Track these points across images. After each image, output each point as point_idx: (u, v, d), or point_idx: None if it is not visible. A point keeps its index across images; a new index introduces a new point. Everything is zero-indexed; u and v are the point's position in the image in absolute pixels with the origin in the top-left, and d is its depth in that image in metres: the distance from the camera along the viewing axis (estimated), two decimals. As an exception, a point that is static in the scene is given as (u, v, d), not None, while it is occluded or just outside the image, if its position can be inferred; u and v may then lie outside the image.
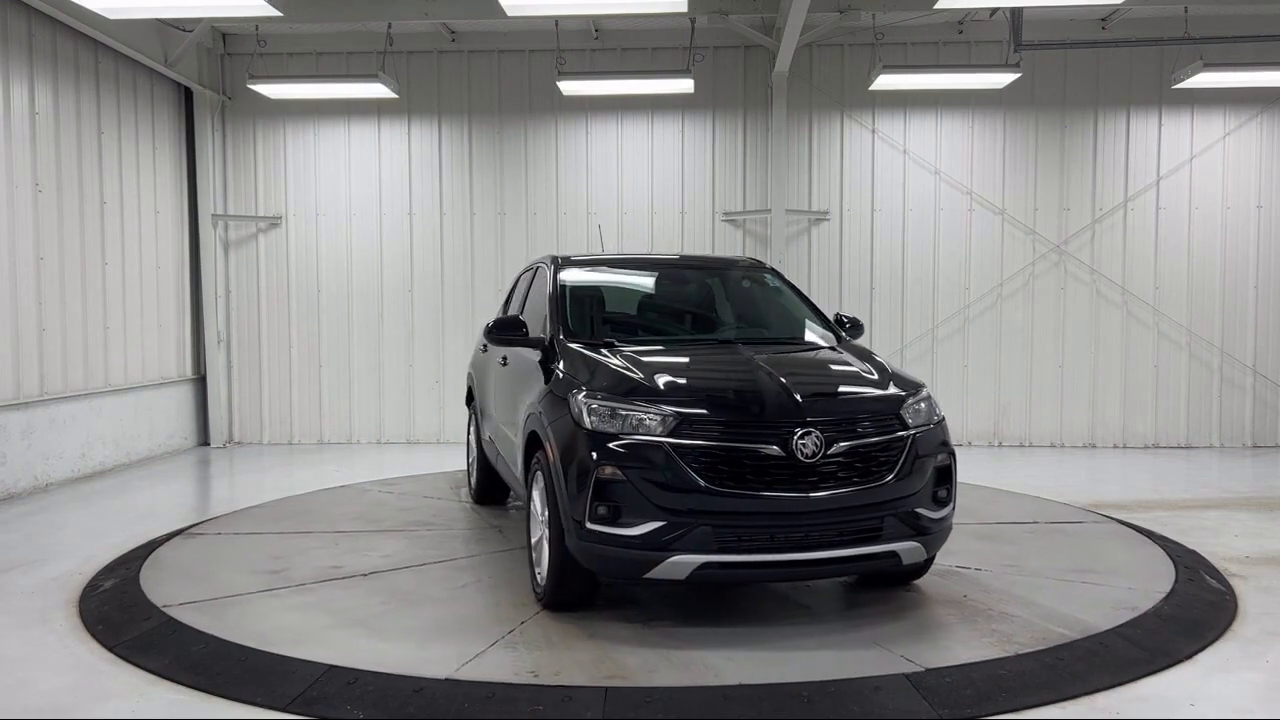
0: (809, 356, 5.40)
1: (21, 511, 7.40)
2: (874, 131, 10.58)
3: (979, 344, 10.62)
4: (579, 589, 4.72)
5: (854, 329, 5.87)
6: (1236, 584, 5.36)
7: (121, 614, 4.87)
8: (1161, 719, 3.70)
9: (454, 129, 10.78)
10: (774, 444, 4.31)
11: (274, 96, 10.19)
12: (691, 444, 4.31)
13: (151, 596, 5.05)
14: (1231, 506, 7.46)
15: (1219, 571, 5.59)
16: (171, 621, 4.68)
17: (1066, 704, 3.80)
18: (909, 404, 4.69)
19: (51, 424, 8.38)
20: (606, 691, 3.84)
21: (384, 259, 10.88)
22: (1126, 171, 10.48)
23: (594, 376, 4.72)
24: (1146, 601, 4.92)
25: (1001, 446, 10.58)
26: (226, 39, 10.71)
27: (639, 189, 10.73)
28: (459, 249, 10.85)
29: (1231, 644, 4.47)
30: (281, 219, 10.89)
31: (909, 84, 9.87)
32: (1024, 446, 10.58)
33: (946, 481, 4.68)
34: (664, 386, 4.57)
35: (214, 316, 10.78)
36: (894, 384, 4.83)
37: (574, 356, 5.05)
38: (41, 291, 8.33)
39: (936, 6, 7.84)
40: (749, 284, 6.39)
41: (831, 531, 4.36)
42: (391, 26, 9.96)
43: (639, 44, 10.50)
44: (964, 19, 10.12)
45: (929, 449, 4.62)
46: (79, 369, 8.83)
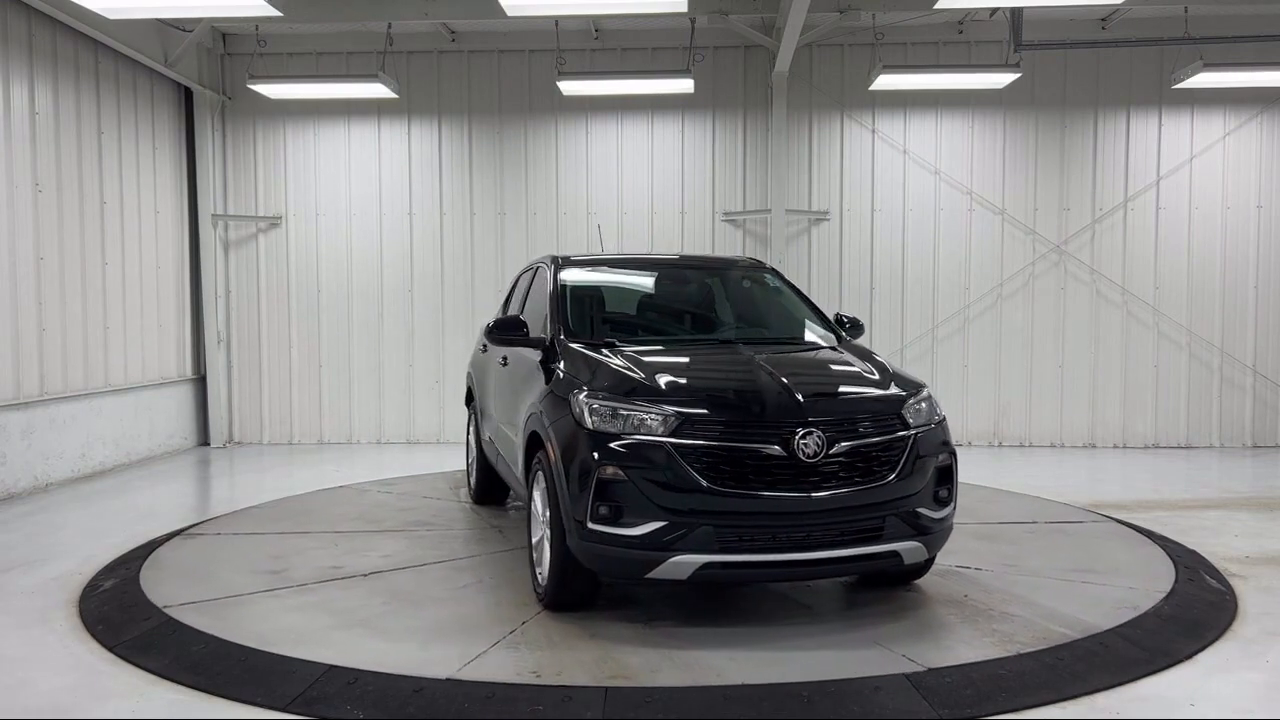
0: (810, 356, 5.40)
1: (21, 511, 7.40)
2: (874, 131, 10.58)
3: (979, 344, 10.62)
4: (580, 589, 4.72)
5: (854, 329, 5.87)
6: (1236, 584, 5.37)
7: (121, 614, 4.87)
8: (1161, 719, 3.70)
9: (454, 129, 10.78)
10: (776, 444, 4.31)
11: (274, 96, 10.19)
12: (693, 444, 4.31)
13: (151, 596, 5.05)
14: (1231, 506, 7.46)
15: (1219, 571, 5.60)
16: (171, 621, 4.68)
17: (1066, 704, 3.80)
18: (910, 404, 4.69)
19: (51, 424, 8.38)
20: (606, 691, 3.84)
21: (384, 259, 10.88)
22: (1126, 171, 10.49)
23: (595, 376, 4.72)
24: (1147, 601, 4.93)
25: (1001, 446, 10.58)
26: (226, 39, 10.71)
27: (639, 189, 10.73)
28: (459, 249, 10.85)
29: (1231, 644, 4.47)
30: (281, 219, 10.89)
31: (909, 84, 9.88)
32: (1024, 446, 10.58)
33: (948, 481, 4.69)
34: (665, 386, 4.57)
35: (214, 316, 10.78)
36: (895, 384, 4.83)
37: (575, 356, 5.05)
38: (41, 291, 8.33)
39: (936, 6, 7.85)
40: (749, 284, 6.39)
41: (833, 531, 4.36)
42: (391, 26, 9.96)
43: (639, 44, 10.50)
44: (964, 19, 10.12)
45: (930, 449, 4.63)
46: (79, 369, 8.83)
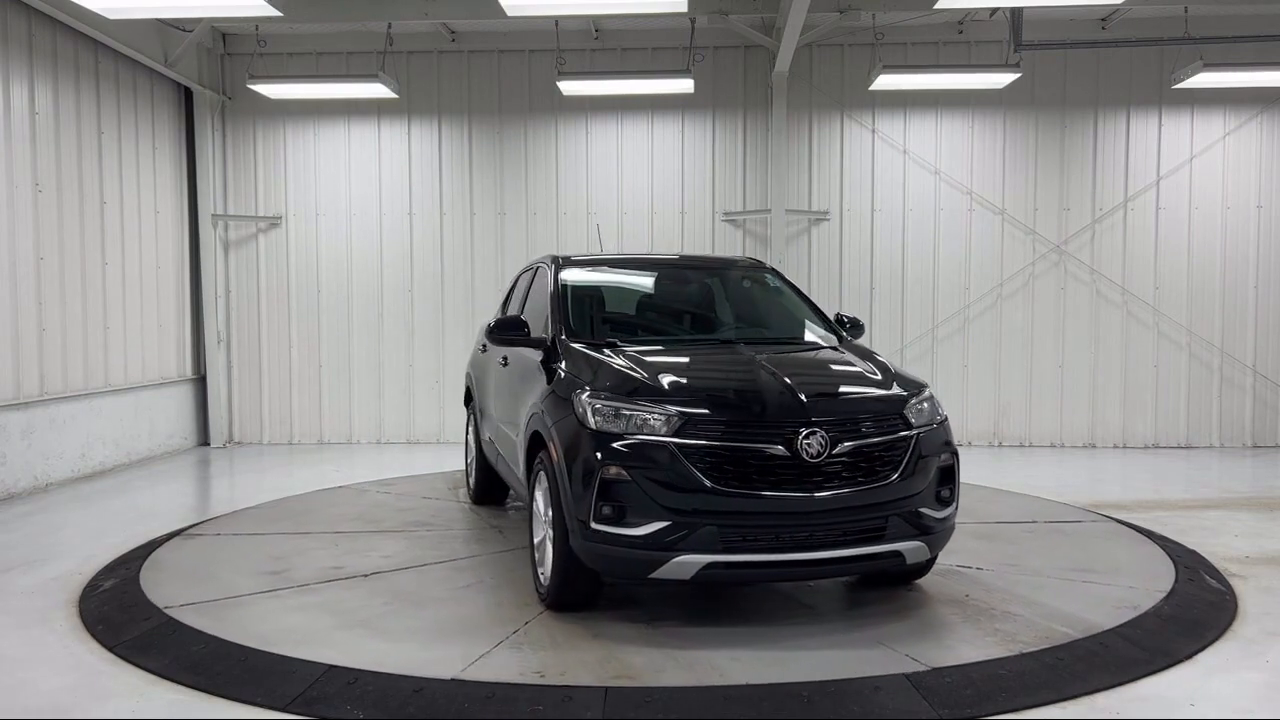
0: (811, 356, 5.40)
1: (21, 511, 7.39)
2: (874, 131, 10.58)
3: (979, 344, 10.63)
4: (583, 589, 4.72)
5: (854, 329, 5.88)
6: (1236, 584, 5.37)
7: (121, 614, 4.86)
8: (1161, 719, 3.70)
9: (454, 129, 10.78)
10: (779, 444, 4.31)
11: (274, 96, 10.18)
12: (696, 444, 4.31)
13: (151, 596, 5.05)
14: (1231, 506, 7.46)
15: (1219, 571, 5.60)
16: (171, 621, 4.67)
17: (1067, 704, 3.80)
18: (912, 404, 4.69)
19: (51, 424, 8.37)
20: (606, 691, 3.84)
21: (384, 259, 10.87)
22: (1126, 171, 10.49)
23: (597, 376, 4.72)
24: (1147, 601, 4.93)
25: (1001, 446, 10.59)
26: (226, 39, 10.71)
27: (639, 189, 10.72)
28: (459, 249, 10.84)
29: (1231, 644, 4.47)
30: (281, 219, 10.88)
31: (909, 84, 9.87)
32: (1024, 446, 10.58)
33: (949, 481, 4.70)
34: (668, 386, 4.57)
35: (214, 316, 10.77)
36: (897, 384, 4.84)
37: (577, 356, 5.04)
38: (41, 291, 8.32)
39: (936, 6, 7.84)
40: (749, 284, 6.39)
41: (836, 531, 4.36)
42: (391, 26, 9.95)
43: (639, 44, 10.50)
44: (964, 19, 10.12)
45: (932, 449, 4.63)
46: (79, 369, 8.82)
